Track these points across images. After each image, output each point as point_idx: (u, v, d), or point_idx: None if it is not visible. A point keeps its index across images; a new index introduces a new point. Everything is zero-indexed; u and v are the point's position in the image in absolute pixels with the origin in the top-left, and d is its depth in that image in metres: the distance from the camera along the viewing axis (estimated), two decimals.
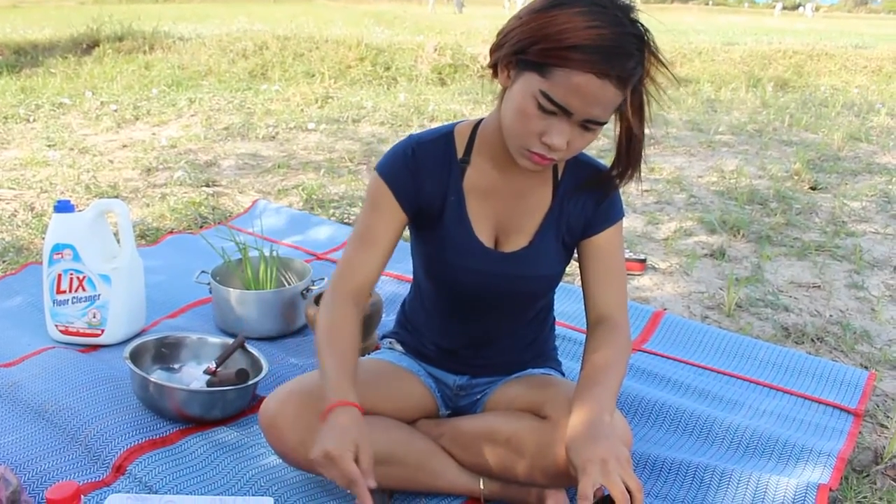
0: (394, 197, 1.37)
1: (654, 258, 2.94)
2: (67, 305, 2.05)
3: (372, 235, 1.38)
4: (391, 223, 1.38)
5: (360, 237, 1.39)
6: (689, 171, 4.25)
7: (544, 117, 1.18)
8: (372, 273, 1.39)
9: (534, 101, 1.17)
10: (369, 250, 1.38)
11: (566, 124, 1.18)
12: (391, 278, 2.52)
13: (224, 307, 2.13)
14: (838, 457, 1.68)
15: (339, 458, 1.15)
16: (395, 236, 1.39)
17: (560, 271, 1.46)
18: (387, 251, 1.39)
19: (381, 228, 1.38)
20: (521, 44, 1.17)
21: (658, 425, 1.81)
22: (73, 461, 1.59)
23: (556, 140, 1.18)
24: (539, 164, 1.24)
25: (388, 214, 1.38)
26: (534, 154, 1.22)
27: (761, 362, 2.12)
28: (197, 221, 3.16)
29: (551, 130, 1.18)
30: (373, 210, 1.39)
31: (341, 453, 1.15)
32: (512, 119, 1.22)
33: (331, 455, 1.16)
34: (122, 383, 1.82)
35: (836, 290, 2.69)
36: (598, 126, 1.20)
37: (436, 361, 1.58)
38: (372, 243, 1.38)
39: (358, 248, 1.39)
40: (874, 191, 3.86)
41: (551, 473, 1.34)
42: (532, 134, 1.20)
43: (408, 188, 1.37)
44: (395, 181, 1.37)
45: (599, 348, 1.35)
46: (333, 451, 1.16)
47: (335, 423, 1.21)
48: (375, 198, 1.39)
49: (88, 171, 3.89)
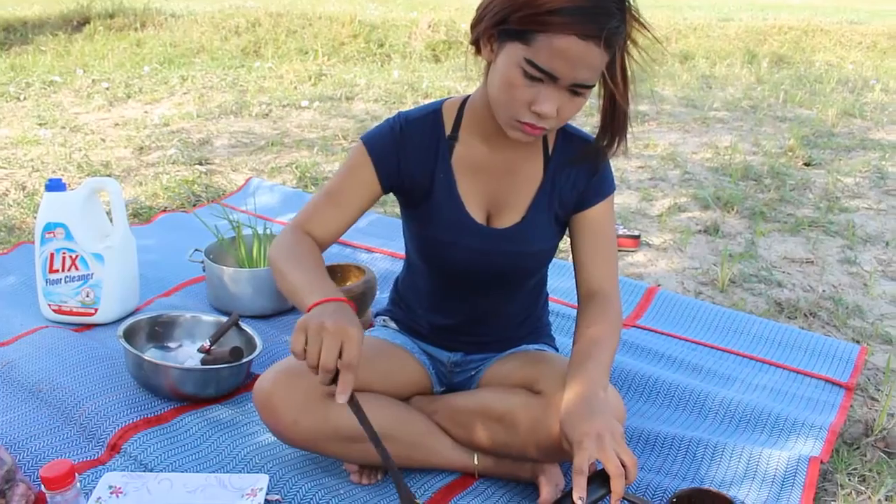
0: (374, 169, 1.36)
1: (648, 234, 2.94)
2: (60, 285, 2.04)
3: (341, 197, 1.37)
4: (364, 192, 1.37)
5: (328, 194, 1.38)
6: (684, 147, 4.24)
7: (531, 85, 1.17)
8: (334, 230, 1.38)
9: (519, 70, 1.16)
10: (334, 209, 1.37)
11: (554, 90, 1.17)
12: (384, 255, 2.52)
13: (218, 285, 2.13)
14: (829, 430, 1.69)
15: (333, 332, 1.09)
16: (363, 205, 1.39)
17: (553, 246, 1.46)
18: (351, 217, 1.38)
19: (352, 194, 1.37)
20: (501, 14, 1.16)
21: (652, 400, 1.82)
22: (67, 440, 1.59)
23: (546, 107, 1.17)
24: (531, 134, 1.23)
25: (363, 183, 1.37)
26: (524, 124, 1.22)
27: (754, 337, 2.13)
28: (190, 200, 3.15)
29: (539, 98, 1.17)
30: (349, 174, 1.38)
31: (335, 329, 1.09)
32: (499, 91, 1.21)
33: (324, 326, 1.09)
34: (116, 362, 1.82)
35: (828, 265, 2.70)
36: (586, 90, 1.19)
37: (430, 338, 1.58)
38: (339, 204, 1.37)
39: (325, 202, 1.38)
40: (868, 167, 3.86)
41: (545, 448, 1.35)
42: (521, 103, 1.19)
43: (390, 164, 1.36)
44: (378, 154, 1.36)
45: (592, 323, 1.35)
46: (329, 324, 1.09)
47: (325, 308, 1.14)
48: (355, 164, 1.38)
49: (80, 149, 3.86)
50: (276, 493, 1.45)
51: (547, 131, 1.24)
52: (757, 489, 1.50)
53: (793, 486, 1.50)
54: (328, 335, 1.09)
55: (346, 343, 1.10)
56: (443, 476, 1.52)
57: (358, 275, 2.11)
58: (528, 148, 1.38)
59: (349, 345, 1.10)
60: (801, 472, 1.53)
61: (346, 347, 1.10)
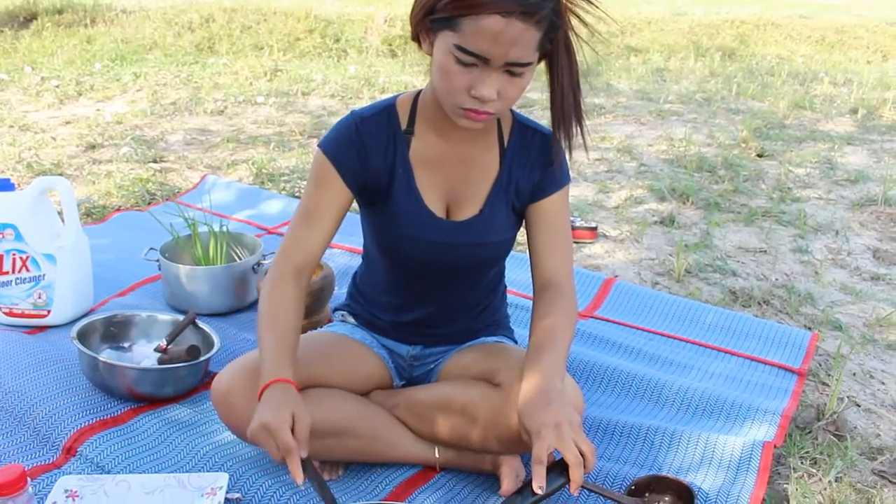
0: (338, 174, 1.36)
1: (605, 226, 2.97)
2: (11, 287, 1.99)
3: (316, 212, 1.37)
4: (336, 200, 1.37)
5: (304, 214, 1.39)
6: (639, 139, 4.29)
7: (466, 71, 1.18)
8: (315, 250, 1.39)
9: (452, 57, 1.17)
10: (313, 227, 1.38)
11: (489, 73, 1.18)
12: (342, 251, 2.51)
13: (174, 284, 2.10)
14: (783, 415, 1.73)
15: (276, 429, 1.17)
16: (339, 213, 1.39)
17: (511, 237, 1.47)
18: (331, 228, 1.39)
19: (326, 206, 1.37)
20: (429, 4, 1.18)
21: (609, 390, 1.84)
22: (21, 444, 1.56)
23: (484, 91, 1.18)
24: (476, 119, 1.24)
25: (332, 192, 1.37)
26: (468, 111, 1.22)
27: (710, 326, 2.17)
28: (144, 198, 3.10)
29: (477, 82, 1.18)
30: (317, 187, 1.38)
31: (279, 425, 1.17)
32: (439, 80, 1.22)
33: (268, 426, 1.17)
34: (70, 364, 1.78)
35: (781, 254, 2.76)
36: (523, 69, 1.19)
37: (388, 332, 1.58)
38: (316, 220, 1.37)
39: (302, 224, 1.38)
40: (818, 157, 3.95)
41: (505, 440, 1.36)
42: (459, 90, 1.20)
43: (353, 165, 1.36)
44: (339, 158, 1.36)
45: (547, 314, 1.36)
46: (271, 422, 1.17)
47: (271, 397, 1.22)
48: (320, 175, 1.37)
49: (30, 148, 3.77)
50: (236, 491, 1.44)
51: (493, 115, 1.25)
52: (713, 475, 1.53)
53: (748, 471, 1.53)
54: (263, 435, 1.18)
55: (275, 434, 1.17)
56: (404, 470, 1.52)
57: (316, 271, 2.10)
58: (483, 140, 1.39)
59: (278, 434, 1.17)
60: (756, 457, 1.56)
61: (278, 437, 1.17)
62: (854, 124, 4.75)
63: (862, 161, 3.95)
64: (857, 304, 2.39)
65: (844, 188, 3.52)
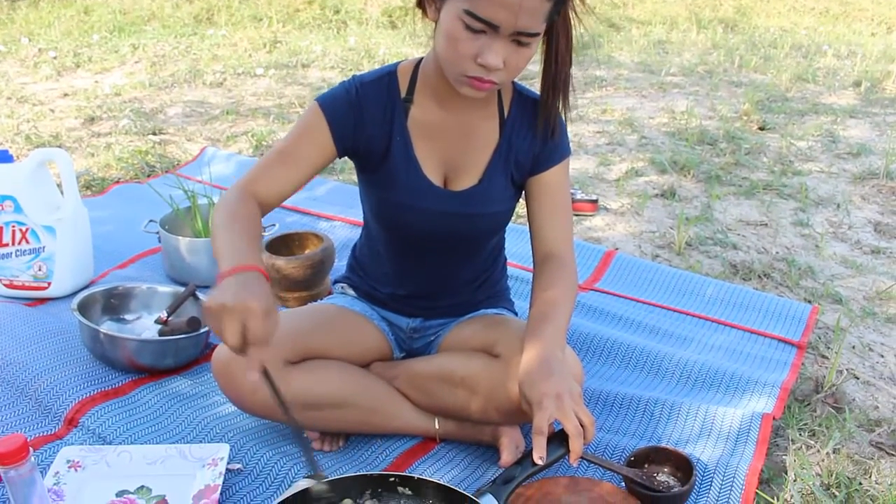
0: (329, 130, 1.33)
1: (605, 199, 2.96)
2: (11, 259, 1.99)
3: (294, 156, 1.33)
4: (317, 153, 1.34)
5: (281, 153, 1.33)
6: (641, 112, 4.27)
7: (474, 38, 1.16)
8: (282, 190, 1.33)
9: (461, 23, 1.15)
10: (287, 168, 1.33)
11: (497, 41, 1.16)
12: (342, 223, 2.50)
13: (174, 256, 2.10)
14: (782, 387, 1.74)
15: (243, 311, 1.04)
16: (316, 167, 1.35)
17: (510, 208, 1.46)
18: (302, 178, 1.34)
19: (306, 154, 1.33)
20: None
21: (610, 362, 1.85)
22: (23, 415, 1.57)
23: (491, 59, 1.17)
24: (480, 88, 1.23)
25: (317, 144, 1.34)
26: (472, 79, 1.21)
27: (710, 299, 2.17)
28: (144, 170, 3.09)
29: (484, 50, 1.17)
30: (303, 135, 1.34)
31: (248, 308, 1.04)
32: (444, 47, 1.20)
33: (231, 308, 1.04)
34: (71, 336, 1.79)
35: (782, 227, 2.75)
36: (531, 39, 1.18)
37: (388, 305, 1.58)
38: (291, 163, 1.33)
39: (276, 161, 1.33)
40: (820, 131, 3.93)
41: (505, 411, 1.36)
42: (466, 57, 1.18)
43: (346, 126, 1.34)
44: (334, 116, 1.34)
45: (548, 286, 1.36)
46: (236, 304, 1.04)
47: (237, 281, 1.08)
48: (310, 124, 1.34)
49: (28, 121, 3.75)
50: (237, 462, 1.45)
51: (497, 85, 1.23)
52: (712, 446, 1.54)
53: (746, 442, 1.54)
54: (227, 315, 1.04)
55: (248, 320, 1.04)
56: (404, 441, 1.53)
57: (316, 243, 2.10)
58: (483, 110, 1.38)
59: (252, 321, 1.04)
60: (755, 429, 1.57)
61: (250, 325, 1.04)
62: (857, 97, 4.72)
63: (864, 134, 3.93)
64: (857, 277, 2.38)
65: (846, 161, 3.50)
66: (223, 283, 1.09)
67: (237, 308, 1.04)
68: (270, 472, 1.42)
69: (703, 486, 1.42)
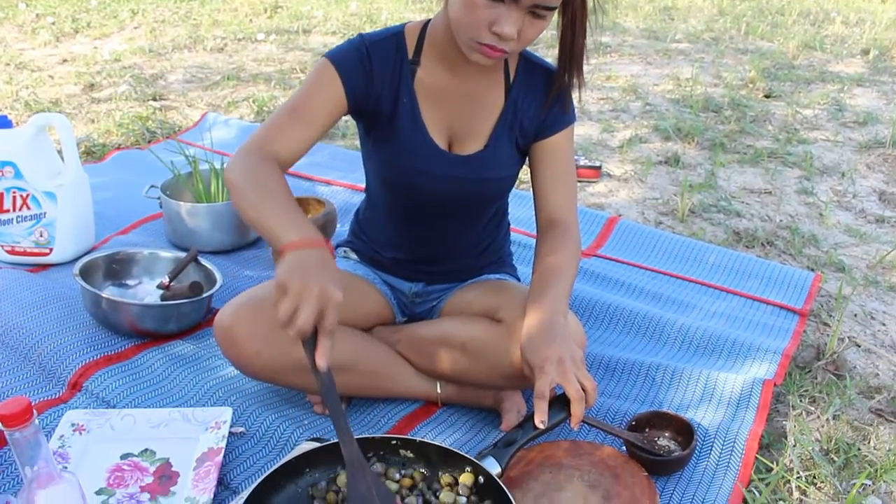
0: (341, 83, 1.30)
1: (609, 165, 2.95)
2: (12, 225, 1.99)
3: (306, 113, 1.29)
4: (330, 109, 1.30)
5: (292, 110, 1.29)
6: (645, 78, 4.23)
7: (492, 6, 1.14)
8: (299, 148, 1.28)
9: None
10: (300, 125, 1.28)
11: (515, 11, 1.15)
12: (343, 188, 2.49)
13: (175, 221, 2.09)
14: (783, 354, 1.74)
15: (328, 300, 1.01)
16: (328, 122, 1.31)
17: (515, 173, 1.45)
18: (316, 134, 1.30)
19: (319, 109, 1.29)
20: None
21: (612, 327, 1.85)
22: (27, 380, 1.57)
23: (507, 28, 1.15)
24: (491, 56, 1.21)
25: (330, 99, 1.30)
26: (484, 46, 1.19)
27: (712, 266, 2.16)
28: (145, 136, 3.07)
29: (500, 19, 1.15)
30: (315, 90, 1.30)
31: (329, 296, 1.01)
32: (459, 11, 1.18)
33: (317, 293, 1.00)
34: (74, 301, 1.79)
35: (786, 195, 2.74)
36: (547, 12, 1.16)
37: (391, 269, 1.57)
38: (305, 121, 1.28)
39: (289, 119, 1.28)
40: (826, 99, 3.89)
41: (507, 375, 1.37)
42: (481, 24, 1.16)
43: (358, 81, 1.31)
44: (346, 70, 1.30)
45: (551, 252, 1.35)
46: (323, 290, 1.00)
47: (316, 259, 1.05)
48: (321, 79, 1.30)
49: (27, 87, 3.73)
50: (240, 425, 1.46)
51: (507, 54, 1.22)
52: (713, 411, 1.54)
53: (747, 408, 1.54)
54: (309, 299, 1.00)
55: (327, 309, 1.01)
56: (406, 405, 1.54)
57: (318, 207, 2.09)
58: (489, 75, 1.36)
59: (331, 311, 1.01)
60: (756, 394, 1.57)
61: (328, 314, 1.01)
62: (865, 65, 4.67)
63: (871, 103, 3.89)
64: (860, 245, 2.38)
65: (852, 130, 3.47)
66: (296, 258, 1.05)
67: (322, 294, 1.01)
68: (273, 436, 1.43)
69: (704, 450, 1.43)
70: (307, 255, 1.06)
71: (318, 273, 1.03)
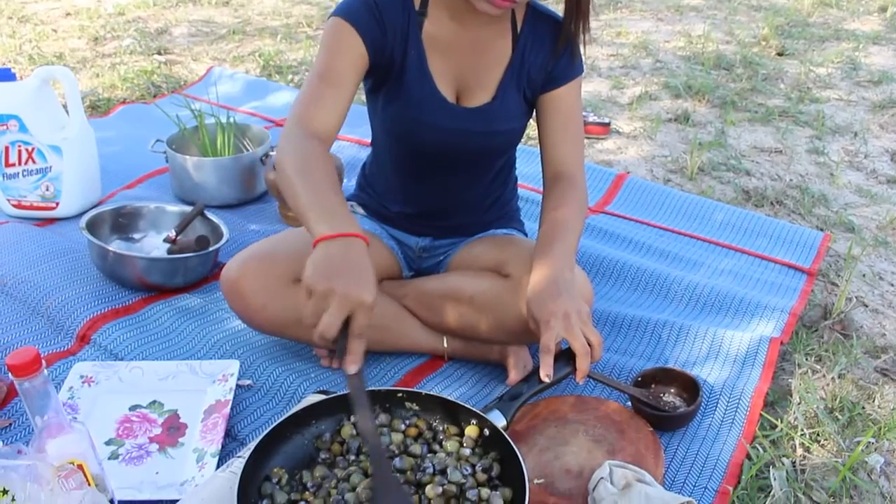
0: (361, 39, 1.26)
1: (618, 122, 2.91)
2: (18, 179, 1.98)
3: (336, 76, 1.25)
4: (356, 65, 1.27)
5: (322, 77, 1.25)
6: (656, 35, 4.16)
7: None
8: (339, 115, 1.25)
9: None
10: (334, 90, 1.24)
11: None
12: (349, 143, 2.48)
13: (181, 175, 2.09)
14: (791, 312, 1.73)
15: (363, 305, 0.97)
16: (357, 78, 1.28)
17: (522, 126, 1.44)
18: (349, 95, 1.27)
19: (346, 69, 1.26)
20: None
21: (619, 284, 1.85)
22: (36, 332, 1.58)
23: None
24: (499, 6, 1.19)
25: (353, 56, 1.26)
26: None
27: (721, 224, 2.15)
28: (150, 91, 3.05)
29: None
30: (336, 50, 1.27)
31: (365, 300, 0.97)
32: None
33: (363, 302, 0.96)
34: (81, 255, 1.79)
35: (797, 155, 2.71)
36: None
37: (398, 223, 1.57)
38: (337, 85, 1.24)
39: (321, 87, 1.25)
40: (841, 57, 3.83)
41: (513, 330, 1.37)
42: None
43: (375, 34, 1.28)
44: (361, 25, 1.27)
45: (558, 206, 1.34)
46: (361, 294, 0.96)
47: (351, 257, 1.01)
48: (337, 38, 1.27)
49: (31, 40, 3.69)
50: (247, 378, 1.47)
51: (515, 4, 1.20)
52: (719, 368, 1.54)
53: (753, 365, 1.54)
54: (336, 303, 0.95)
55: (356, 313, 0.97)
56: (412, 359, 1.54)
57: None
58: (496, 26, 1.34)
59: (361, 315, 0.97)
60: (762, 352, 1.57)
61: (357, 317, 0.97)
62: (882, 23, 4.58)
63: (887, 62, 3.82)
64: (871, 206, 2.35)
65: (866, 89, 3.42)
66: (322, 255, 1.01)
67: (348, 297, 0.96)
68: (280, 388, 1.44)
69: (709, 406, 1.44)
70: (337, 250, 1.01)
71: (343, 272, 0.98)
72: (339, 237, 1.02)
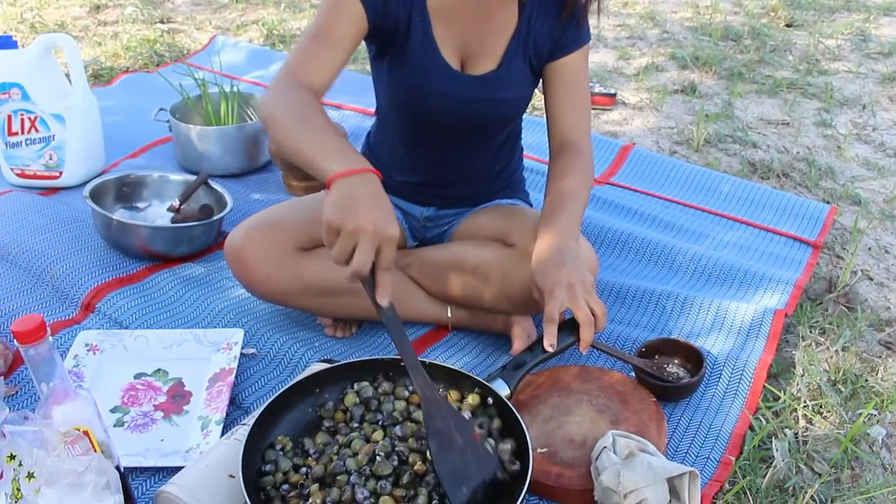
0: (360, 2, 1.24)
1: (624, 93, 2.89)
2: (21, 148, 1.98)
3: (331, 36, 1.24)
4: (353, 27, 1.25)
5: (317, 35, 1.24)
6: (663, 5, 4.12)
7: None
8: (331, 73, 1.24)
9: None
10: (328, 49, 1.23)
11: None
12: (353, 112, 2.46)
13: (185, 144, 2.08)
14: (795, 285, 1.73)
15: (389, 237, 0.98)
16: (353, 43, 1.27)
17: (528, 94, 1.42)
18: (344, 56, 1.26)
19: (342, 31, 1.24)
20: None
21: (624, 255, 1.84)
22: (41, 300, 1.59)
23: None
24: None
25: (351, 17, 1.25)
26: None
27: (726, 196, 2.14)
28: (153, 59, 3.03)
29: None
30: (334, 11, 1.25)
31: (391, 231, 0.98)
32: None
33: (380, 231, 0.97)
34: (85, 224, 1.80)
35: (804, 127, 2.68)
36: None
37: (402, 193, 1.56)
38: (331, 44, 1.23)
39: (315, 45, 1.24)
40: (850, 28, 3.78)
41: (517, 300, 1.37)
42: None
43: None
44: None
45: (564, 175, 1.33)
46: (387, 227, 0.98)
47: (370, 192, 1.00)
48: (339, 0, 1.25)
49: (32, 8, 3.66)
50: (251, 346, 1.47)
51: None
52: (723, 340, 1.54)
53: (757, 337, 1.54)
54: (365, 238, 0.96)
55: (384, 246, 0.98)
56: (417, 328, 1.54)
57: None
58: None
59: (387, 248, 0.98)
60: (766, 324, 1.57)
61: (385, 250, 0.98)
62: None
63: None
64: (878, 179, 2.34)
65: (876, 62, 3.38)
66: (344, 190, 1.00)
67: (377, 231, 0.97)
68: (284, 357, 1.44)
69: (713, 377, 1.44)
70: (356, 186, 1.00)
71: (369, 207, 0.98)
72: (355, 173, 1.02)
